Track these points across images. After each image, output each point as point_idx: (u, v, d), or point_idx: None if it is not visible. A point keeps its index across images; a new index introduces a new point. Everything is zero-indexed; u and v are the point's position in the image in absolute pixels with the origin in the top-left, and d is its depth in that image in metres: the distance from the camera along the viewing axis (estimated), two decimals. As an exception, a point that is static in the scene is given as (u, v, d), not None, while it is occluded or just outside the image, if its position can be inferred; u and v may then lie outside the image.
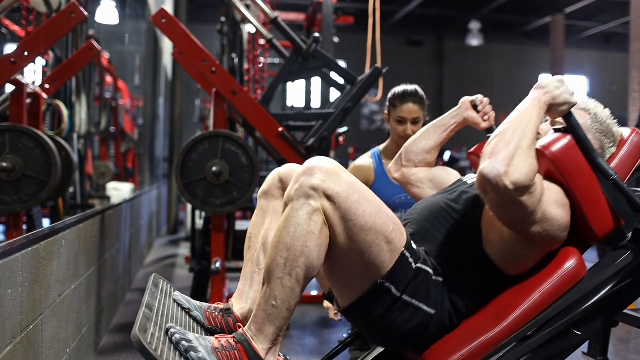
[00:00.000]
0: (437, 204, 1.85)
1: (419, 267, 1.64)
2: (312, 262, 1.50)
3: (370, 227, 1.53)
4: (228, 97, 3.47)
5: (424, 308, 1.65)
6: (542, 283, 1.67)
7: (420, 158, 2.19)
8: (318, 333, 3.48)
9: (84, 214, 2.65)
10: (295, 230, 1.49)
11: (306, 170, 1.53)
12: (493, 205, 1.59)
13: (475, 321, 1.70)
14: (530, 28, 16.29)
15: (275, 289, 1.51)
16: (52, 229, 2.00)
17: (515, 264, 1.72)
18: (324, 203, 1.50)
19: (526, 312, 1.65)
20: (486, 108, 2.13)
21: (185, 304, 1.81)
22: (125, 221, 4.02)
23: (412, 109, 2.86)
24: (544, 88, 1.68)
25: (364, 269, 1.58)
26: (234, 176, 3.51)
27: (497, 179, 1.50)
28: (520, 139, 1.56)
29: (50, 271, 1.98)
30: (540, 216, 1.59)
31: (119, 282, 3.72)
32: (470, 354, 1.62)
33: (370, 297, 1.61)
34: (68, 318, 2.27)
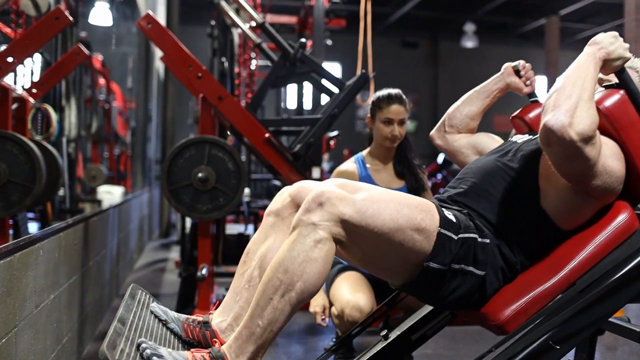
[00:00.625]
0: (491, 162, 1.86)
1: (461, 237, 1.64)
2: (308, 288, 1.50)
3: (395, 229, 1.55)
4: (214, 103, 3.45)
5: (474, 271, 1.65)
6: (596, 235, 1.70)
7: (464, 124, 2.19)
8: (304, 340, 3.46)
9: (66, 222, 2.63)
10: (297, 255, 1.49)
11: (315, 197, 1.53)
12: (557, 157, 1.61)
13: (530, 273, 1.73)
14: (525, 30, 16.30)
15: (264, 309, 1.50)
16: (28, 239, 1.97)
17: (571, 218, 1.74)
18: (336, 230, 1.52)
19: (581, 264, 1.68)
20: (528, 73, 2.15)
21: (163, 315, 1.78)
22: (113, 227, 4.00)
23: (399, 110, 2.91)
24: (599, 44, 1.70)
25: (404, 261, 1.61)
26: (221, 182, 3.49)
27: (562, 130, 1.52)
28: (580, 91, 1.59)
29: (25, 282, 1.95)
30: (600, 168, 1.62)
31: (105, 288, 3.69)
32: (527, 304, 1.65)
33: (420, 279, 1.62)
34: (46, 329, 2.24)
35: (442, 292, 1.66)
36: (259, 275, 1.73)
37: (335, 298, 2.80)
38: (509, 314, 1.64)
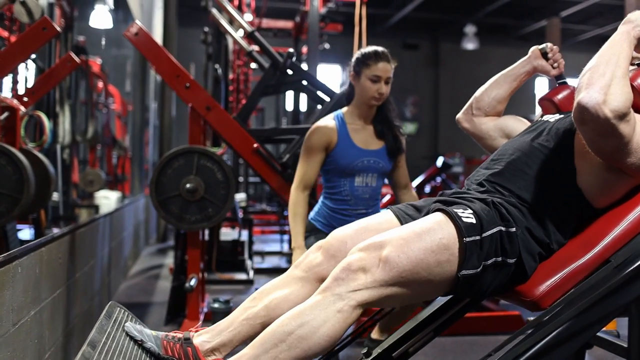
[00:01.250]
0: (526, 143, 1.86)
1: (486, 235, 1.63)
2: (314, 348, 1.53)
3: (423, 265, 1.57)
4: (202, 113, 3.44)
5: (506, 260, 1.65)
6: (629, 212, 1.72)
7: (492, 107, 2.18)
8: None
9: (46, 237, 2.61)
10: (318, 315, 1.53)
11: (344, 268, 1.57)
12: (591, 135, 1.61)
13: (564, 250, 1.73)
14: (526, 31, 16.25)
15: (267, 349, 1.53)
16: (4, 257, 1.96)
17: (605, 196, 1.75)
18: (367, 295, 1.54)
19: (615, 240, 1.68)
20: (556, 55, 2.14)
21: (138, 335, 1.77)
22: (104, 236, 3.99)
23: (386, 68, 2.77)
24: (633, 22, 1.70)
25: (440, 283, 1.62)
26: (209, 192, 3.48)
27: (597, 107, 1.52)
28: (614, 69, 1.59)
29: (1, 302, 1.94)
30: (635, 145, 1.61)
31: (94, 298, 3.68)
32: (562, 280, 1.65)
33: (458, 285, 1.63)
34: (25, 345, 2.23)
35: (482, 288, 1.67)
36: (264, 317, 1.75)
37: None
38: (544, 289, 1.65)
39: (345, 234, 1.82)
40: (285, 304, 1.75)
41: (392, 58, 2.85)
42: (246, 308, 1.80)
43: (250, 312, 1.77)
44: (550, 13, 14.31)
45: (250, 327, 1.74)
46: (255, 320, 1.75)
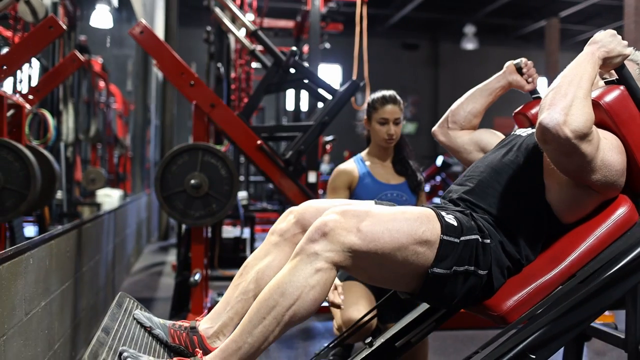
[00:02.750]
0: (497, 159, 1.89)
1: (464, 239, 1.66)
2: (301, 312, 1.53)
3: (398, 247, 1.57)
4: (207, 110, 3.49)
5: (476, 271, 1.67)
6: (596, 228, 1.74)
7: (467, 121, 2.23)
8: (295, 346, 3.49)
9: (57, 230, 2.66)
10: (296, 280, 1.52)
11: (319, 227, 1.56)
12: (554, 155, 1.64)
13: (532, 266, 1.76)
14: (525, 32, 16.32)
15: (255, 326, 1.53)
16: (16, 249, 2.01)
17: (573, 212, 1.77)
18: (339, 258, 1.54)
19: (581, 256, 1.71)
20: (530, 70, 2.19)
21: (147, 322, 1.81)
22: (108, 232, 4.04)
23: (393, 110, 2.97)
24: (598, 43, 1.74)
25: (410, 273, 1.63)
26: (214, 188, 3.52)
27: (557, 128, 1.55)
28: (576, 89, 1.62)
29: (14, 291, 1.99)
30: (599, 163, 1.64)
31: (99, 293, 3.73)
32: (528, 295, 1.68)
33: (427, 285, 1.65)
34: (37, 336, 2.28)
35: (448, 295, 1.68)
36: (254, 289, 1.77)
37: (335, 312, 2.83)
38: (511, 304, 1.68)
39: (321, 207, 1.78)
40: (270, 271, 1.76)
41: (400, 100, 3.02)
42: (236, 285, 1.83)
43: (242, 288, 1.80)
44: (549, 13, 14.37)
45: (245, 303, 1.75)
46: (248, 295, 1.77)
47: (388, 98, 3.06)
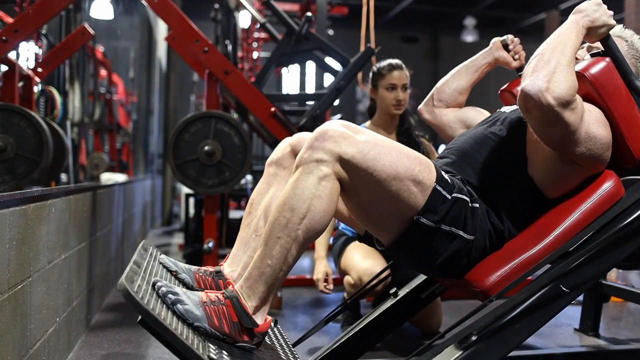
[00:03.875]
0: (480, 132, 1.87)
1: (455, 196, 1.65)
2: (314, 226, 1.50)
3: (393, 177, 1.54)
4: (220, 77, 3.47)
5: (463, 235, 1.65)
6: (582, 203, 1.71)
7: (453, 98, 2.21)
8: (310, 311, 3.48)
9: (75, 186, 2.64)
10: (302, 193, 1.49)
11: (319, 135, 1.52)
12: (536, 123, 1.62)
13: (516, 241, 1.74)
14: (525, 24, 16.32)
15: (273, 248, 1.51)
16: (41, 192, 1.99)
17: (557, 186, 1.75)
18: (338, 168, 1.50)
19: (566, 231, 1.68)
20: (517, 47, 2.18)
21: (172, 266, 1.80)
22: (118, 204, 4.02)
23: (401, 75, 3.01)
24: (582, 12, 1.71)
25: (397, 212, 1.60)
26: (227, 156, 3.50)
27: (539, 95, 1.53)
28: (559, 57, 1.60)
29: (39, 235, 1.97)
30: (584, 135, 1.62)
31: (111, 264, 3.71)
32: (512, 270, 1.65)
33: (409, 234, 1.62)
34: (58, 287, 2.26)
35: (428, 254, 1.66)
36: (264, 225, 1.74)
37: (351, 267, 2.83)
38: (494, 280, 1.65)
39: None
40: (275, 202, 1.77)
41: (407, 67, 3.03)
42: (247, 225, 1.82)
43: (253, 226, 1.79)
44: (549, 6, 14.38)
45: (259, 240, 1.73)
46: (258, 232, 1.76)
47: (395, 65, 3.08)
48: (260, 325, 1.55)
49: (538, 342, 2.85)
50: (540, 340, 2.88)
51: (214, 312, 1.52)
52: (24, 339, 1.82)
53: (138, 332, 2.91)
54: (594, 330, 2.97)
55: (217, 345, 1.48)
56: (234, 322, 1.53)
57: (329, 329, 3.01)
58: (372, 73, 3.13)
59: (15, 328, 1.72)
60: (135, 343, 2.73)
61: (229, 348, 1.50)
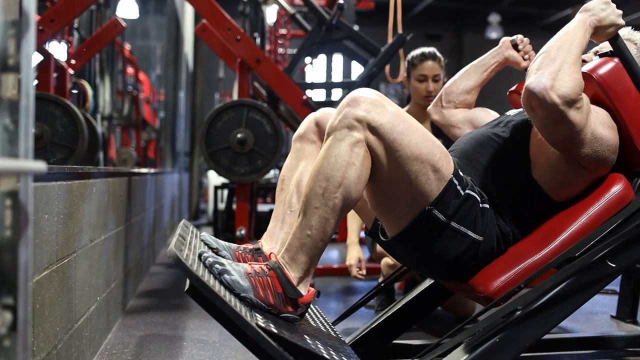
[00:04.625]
0: (482, 133, 1.85)
1: (468, 193, 1.63)
2: (350, 193, 1.50)
3: (416, 156, 1.52)
4: (253, 66, 3.49)
5: (472, 235, 1.64)
6: (589, 207, 1.67)
7: (461, 99, 2.19)
8: (342, 299, 3.49)
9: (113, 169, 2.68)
10: (335, 161, 1.48)
11: (350, 101, 1.51)
12: (541, 123, 1.59)
13: (521, 246, 1.70)
14: (550, 21, 16.15)
15: (311, 218, 1.51)
16: (84, 169, 2.03)
17: (563, 189, 1.72)
18: (367, 135, 1.49)
19: (573, 235, 1.64)
20: (526, 47, 2.16)
21: (213, 244, 1.81)
22: (150, 193, 4.06)
23: (432, 66, 2.98)
24: (590, 10, 1.68)
25: (411, 197, 1.58)
26: (259, 145, 3.52)
27: (544, 92, 1.51)
28: (565, 55, 1.57)
29: (82, 212, 2.00)
30: (589, 136, 1.59)
31: (144, 252, 3.75)
32: (517, 275, 1.62)
33: (419, 225, 1.60)
34: (98, 267, 2.29)
35: (435, 251, 1.63)
36: (298, 200, 1.76)
37: None
38: (498, 285, 1.62)
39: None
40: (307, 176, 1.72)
41: (441, 57, 3.01)
42: (281, 201, 1.82)
43: (287, 202, 1.79)
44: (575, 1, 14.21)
45: (296, 213, 1.72)
46: (292, 207, 1.77)
47: (427, 54, 3.06)
48: (304, 295, 1.56)
49: (574, 329, 2.82)
50: (576, 327, 2.85)
51: (259, 283, 1.54)
52: (70, 313, 1.85)
53: (174, 315, 2.94)
54: (631, 317, 2.94)
55: (263, 315, 1.49)
56: (278, 293, 1.54)
57: (362, 313, 3.02)
58: (406, 62, 3.13)
59: (62, 300, 1.75)
60: (172, 325, 2.76)
61: (274, 319, 1.52)
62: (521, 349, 1.58)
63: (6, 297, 0.84)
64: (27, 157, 0.84)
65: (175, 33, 8.22)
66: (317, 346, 1.53)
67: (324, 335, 1.68)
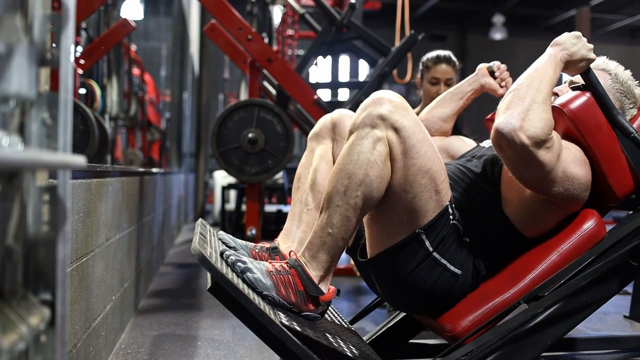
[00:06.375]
0: (454, 167, 1.81)
1: (455, 224, 1.62)
2: (371, 192, 1.49)
3: (426, 170, 1.51)
4: (264, 65, 3.49)
5: (451, 268, 1.61)
6: (560, 244, 1.64)
7: (437, 127, 2.15)
8: (353, 299, 3.48)
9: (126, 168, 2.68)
10: (358, 158, 1.48)
11: (375, 100, 1.51)
12: (511, 163, 1.56)
13: (491, 283, 1.67)
14: (554, 22, 16.16)
15: (333, 216, 1.50)
16: (102, 168, 2.02)
17: (534, 226, 1.69)
18: (389, 134, 1.48)
19: (543, 273, 1.61)
20: (503, 74, 2.11)
21: (231, 242, 1.81)
22: (160, 192, 4.06)
23: (446, 70, 2.95)
24: (560, 45, 1.64)
25: (408, 214, 1.55)
26: (269, 144, 3.52)
27: (512, 133, 1.48)
28: (535, 93, 1.54)
29: (99, 211, 2.00)
30: (560, 174, 1.56)
31: (154, 251, 3.75)
32: (484, 315, 1.60)
33: (403, 247, 1.57)
34: (114, 266, 2.29)
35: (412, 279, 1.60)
36: (314, 199, 1.76)
37: None
38: (466, 325, 1.60)
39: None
40: (322, 174, 1.75)
41: (455, 61, 2.99)
42: (297, 200, 1.82)
43: (303, 200, 1.79)
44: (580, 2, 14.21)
45: (312, 212, 1.74)
46: (309, 205, 1.77)
47: (442, 58, 3.04)
48: (325, 293, 1.56)
49: (587, 329, 2.81)
50: (589, 326, 2.84)
51: (280, 281, 1.53)
52: (88, 312, 1.85)
53: (186, 315, 2.94)
54: (644, 317, 2.93)
55: (285, 313, 1.49)
56: (299, 291, 1.54)
57: (374, 313, 3.00)
58: (421, 63, 3.11)
59: (82, 299, 1.75)
60: (185, 325, 2.75)
61: (296, 317, 1.51)
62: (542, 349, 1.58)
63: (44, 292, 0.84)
64: (66, 151, 0.84)
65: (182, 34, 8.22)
66: (339, 345, 1.53)
67: (344, 334, 1.67)
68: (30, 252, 0.84)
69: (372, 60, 3.96)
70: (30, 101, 0.83)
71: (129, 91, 6.83)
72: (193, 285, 3.78)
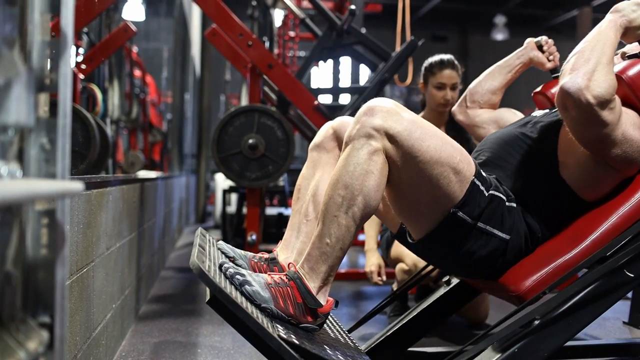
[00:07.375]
0: (510, 133, 1.86)
1: (492, 193, 1.64)
2: (369, 202, 1.51)
3: (435, 160, 1.53)
4: (264, 71, 3.50)
5: (499, 234, 1.64)
6: (619, 206, 1.68)
7: (486, 99, 2.20)
8: (354, 304, 3.49)
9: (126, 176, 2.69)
10: (354, 169, 1.49)
11: (367, 110, 1.53)
12: (574, 122, 1.60)
13: (551, 245, 1.71)
14: (556, 22, 16.14)
15: (330, 227, 1.52)
16: (102, 178, 2.03)
17: (592, 189, 1.73)
18: (385, 143, 1.50)
19: (603, 235, 1.65)
20: (551, 48, 2.16)
21: (230, 252, 1.82)
22: (160, 198, 4.07)
23: (451, 74, 2.96)
24: (620, 11, 1.69)
25: (434, 201, 1.59)
26: (270, 150, 3.53)
27: (579, 93, 1.52)
28: (599, 55, 1.58)
29: (99, 221, 2.01)
30: (620, 137, 1.60)
31: (154, 256, 3.76)
32: (548, 275, 1.63)
33: (444, 227, 1.61)
34: (114, 274, 2.30)
35: (462, 252, 1.64)
36: (314, 210, 1.77)
37: (405, 254, 2.84)
38: (530, 284, 1.62)
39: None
40: (323, 185, 1.75)
41: (459, 65, 3.00)
42: (297, 210, 1.82)
43: (302, 211, 1.80)
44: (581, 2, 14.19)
45: (311, 224, 1.75)
46: (309, 216, 1.77)
47: (446, 62, 3.04)
48: (323, 305, 1.57)
49: (586, 335, 2.82)
50: (588, 332, 2.85)
51: (279, 294, 1.54)
52: (88, 322, 1.86)
53: (186, 321, 2.95)
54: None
55: (284, 326, 1.50)
56: (298, 303, 1.55)
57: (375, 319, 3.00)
58: (424, 68, 3.11)
59: (82, 310, 1.76)
60: (185, 332, 2.76)
61: (294, 329, 1.52)
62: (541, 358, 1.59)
63: (42, 315, 0.85)
64: (64, 177, 0.85)
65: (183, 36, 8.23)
66: (337, 357, 1.53)
67: (342, 345, 1.68)
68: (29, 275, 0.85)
69: (372, 65, 3.97)
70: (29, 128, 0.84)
71: (131, 93, 6.85)
72: (194, 290, 3.78)
